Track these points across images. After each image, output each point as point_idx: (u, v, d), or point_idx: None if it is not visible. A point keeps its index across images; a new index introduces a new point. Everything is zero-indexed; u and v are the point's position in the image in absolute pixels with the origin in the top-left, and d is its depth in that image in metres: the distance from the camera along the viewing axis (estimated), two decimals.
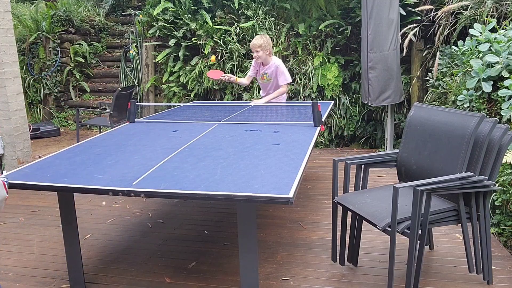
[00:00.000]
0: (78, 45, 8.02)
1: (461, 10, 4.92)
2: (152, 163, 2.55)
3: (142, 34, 7.39)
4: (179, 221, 3.75)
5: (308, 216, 3.77)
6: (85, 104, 7.92)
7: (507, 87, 3.35)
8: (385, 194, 2.69)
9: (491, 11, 4.55)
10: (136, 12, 7.91)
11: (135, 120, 3.91)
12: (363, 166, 2.93)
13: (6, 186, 1.79)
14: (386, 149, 5.61)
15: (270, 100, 4.64)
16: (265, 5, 6.32)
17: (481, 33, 3.94)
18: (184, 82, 6.74)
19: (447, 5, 4.92)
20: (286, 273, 2.85)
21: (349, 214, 2.73)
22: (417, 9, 5.47)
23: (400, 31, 5.22)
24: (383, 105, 5.41)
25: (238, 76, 6.36)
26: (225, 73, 6.42)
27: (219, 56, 6.46)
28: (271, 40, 6.32)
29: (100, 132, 6.05)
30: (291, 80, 4.72)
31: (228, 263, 2.99)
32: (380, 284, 2.67)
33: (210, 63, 6.33)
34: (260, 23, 6.27)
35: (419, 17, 5.54)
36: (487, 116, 2.67)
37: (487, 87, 3.60)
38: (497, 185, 3.07)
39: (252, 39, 6.28)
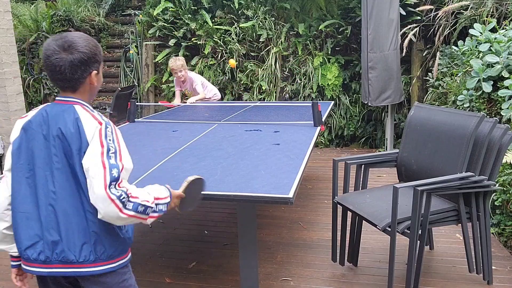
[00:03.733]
0: None
1: (461, 10, 4.92)
2: (152, 163, 2.54)
3: (142, 34, 7.39)
4: (179, 221, 3.75)
5: (308, 216, 3.77)
6: None
7: (507, 87, 3.35)
8: (385, 194, 2.69)
9: (491, 11, 4.55)
10: (136, 12, 7.90)
11: (135, 120, 3.91)
12: (363, 166, 2.93)
13: (119, 205, 1.38)
14: (386, 149, 5.61)
15: (195, 101, 5.03)
16: (265, 5, 6.32)
17: (481, 33, 3.94)
18: None
19: (447, 5, 4.92)
20: (286, 273, 2.85)
21: (349, 214, 2.73)
22: (417, 9, 5.47)
23: (400, 31, 5.22)
24: (383, 105, 5.41)
25: (238, 76, 6.37)
26: (224, 73, 6.46)
27: (219, 56, 6.46)
28: (271, 40, 6.33)
29: None
30: (209, 87, 5.23)
31: (228, 263, 2.99)
32: (380, 284, 2.67)
33: (230, 67, 6.28)
34: (260, 23, 6.27)
35: (419, 17, 5.54)
36: (487, 116, 2.67)
37: (487, 87, 3.60)
38: (497, 185, 3.07)
39: (252, 39, 6.33)
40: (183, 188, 1.70)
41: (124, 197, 1.39)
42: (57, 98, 1.53)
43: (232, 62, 5.98)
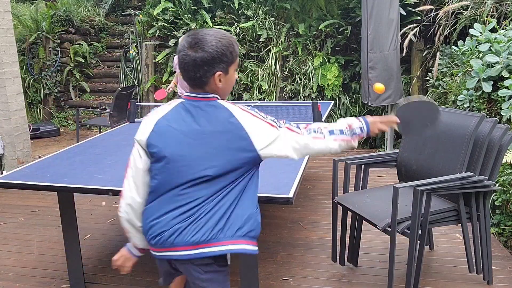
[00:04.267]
0: (78, 45, 8.01)
1: (461, 10, 4.92)
2: None
3: (142, 34, 7.39)
4: None
5: (308, 216, 3.77)
6: (85, 104, 7.92)
7: (507, 87, 3.35)
8: (385, 194, 2.69)
9: (491, 11, 4.55)
10: (136, 12, 7.90)
11: (135, 120, 3.91)
12: (363, 166, 2.93)
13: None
14: (386, 149, 5.61)
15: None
16: (265, 5, 6.32)
17: (481, 33, 3.94)
18: None
19: (447, 5, 4.92)
20: (286, 273, 2.85)
21: (349, 214, 2.73)
22: (417, 9, 5.47)
23: (400, 31, 5.22)
24: (383, 105, 5.41)
25: (238, 76, 6.36)
26: None
27: None
28: (271, 40, 6.33)
29: (100, 132, 6.05)
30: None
31: None
32: (380, 284, 2.67)
33: (378, 93, 6.06)
34: (260, 23, 6.27)
35: (419, 17, 5.54)
36: (487, 116, 2.67)
37: (487, 87, 3.60)
38: (497, 185, 3.07)
39: (252, 39, 6.33)
40: (395, 112, 1.69)
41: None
42: (186, 94, 1.50)
43: (380, 88, 5.71)
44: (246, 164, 1.44)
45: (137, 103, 4.06)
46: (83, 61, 8.01)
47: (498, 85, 3.57)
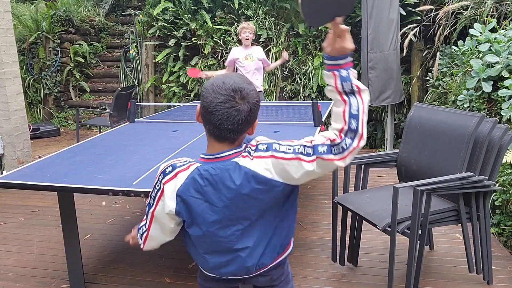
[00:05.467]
0: (78, 45, 8.01)
1: (461, 10, 4.92)
2: (152, 163, 2.54)
3: (142, 34, 7.39)
4: None
5: (308, 216, 3.77)
6: (85, 104, 7.92)
7: (507, 87, 3.35)
8: (385, 194, 2.69)
9: (491, 11, 4.55)
10: (136, 12, 7.90)
11: (135, 120, 3.91)
12: (363, 166, 2.93)
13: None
14: (386, 149, 5.61)
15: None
16: (265, 5, 6.32)
17: (481, 33, 3.94)
18: (184, 82, 6.74)
19: (447, 5, 4.92)
20: None
21: (349, 214, 2.73)
22: (417, 9, 5.47)
23: (400, 31, 5.22)
24: (383, 105, 5.41)
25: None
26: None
27: (219, 56, 6.46)
28: (271, 40, 6.33)
29: (100, 132, 6.05)
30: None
31: None
32: (380, 284, 2.67)
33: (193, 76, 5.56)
34: (260, 23, 6.27)
35: (419, 17, 5.53)
36: (487, 116, 2.67)
37: (487, 87, 3.60)
38: (497, 185, 3.07)
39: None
40: None
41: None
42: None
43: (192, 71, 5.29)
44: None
45: (137, 103, 4.06)
46: (83, 61, 8.01)
47: (498, 85, 3.57)
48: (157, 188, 1.37)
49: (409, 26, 5.31)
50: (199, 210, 1.34)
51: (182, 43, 6.69)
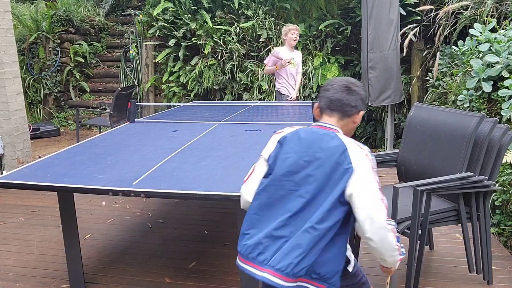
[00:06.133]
0: (78, 45, 8.01)
1: (461, 10, 4.92)
2: (152, 163, 2.54)
3: (142, 34, 7.39)
4: (179, 221, 3.75)
5: None
6: (85, 104, 7.92)
7: (507, 87, 3.35)
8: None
9: (491, 11, 4.55)
10: (136, 12, 7.91)
11: (135, 120, 3.91)
12: None
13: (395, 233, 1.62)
14: (386, 149, 5.61)
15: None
16: (265, 5, 6.32)
17: (481, 33, 3.94)
18: (184, 82, 6.74)
19: (447, 5, 4.92)
20: None
21: None
22: (417, 9, 5.47)
23: (400, 31, 5.22)
24: (383, 105, 5.41)
25: (238, 76, 6.36)
26: (224, 73, 6.44)
27: (219, 56, 6.46)
28: (271, 40, 6.33)
29: (100, 132, 6.05)
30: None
31: (228, 263, 2.99)
32: (380, 284, 2.67)
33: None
34: (260, 23, 6.27)
35: (419, 17, 5.54)
36: (487, 116, 2.67)
37: (487, 87, 3.60)
38: (497, 185, 3.07)
39: (252, 39, 6.32)
40: None
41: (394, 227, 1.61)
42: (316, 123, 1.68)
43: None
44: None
45: (137, 103, 4.06)
46: (83, 61, 8.01)
47: (498, 85, 3.57)
48: None
49: (409, 26, 5.31)
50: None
51: (182, 43, 6.69)
